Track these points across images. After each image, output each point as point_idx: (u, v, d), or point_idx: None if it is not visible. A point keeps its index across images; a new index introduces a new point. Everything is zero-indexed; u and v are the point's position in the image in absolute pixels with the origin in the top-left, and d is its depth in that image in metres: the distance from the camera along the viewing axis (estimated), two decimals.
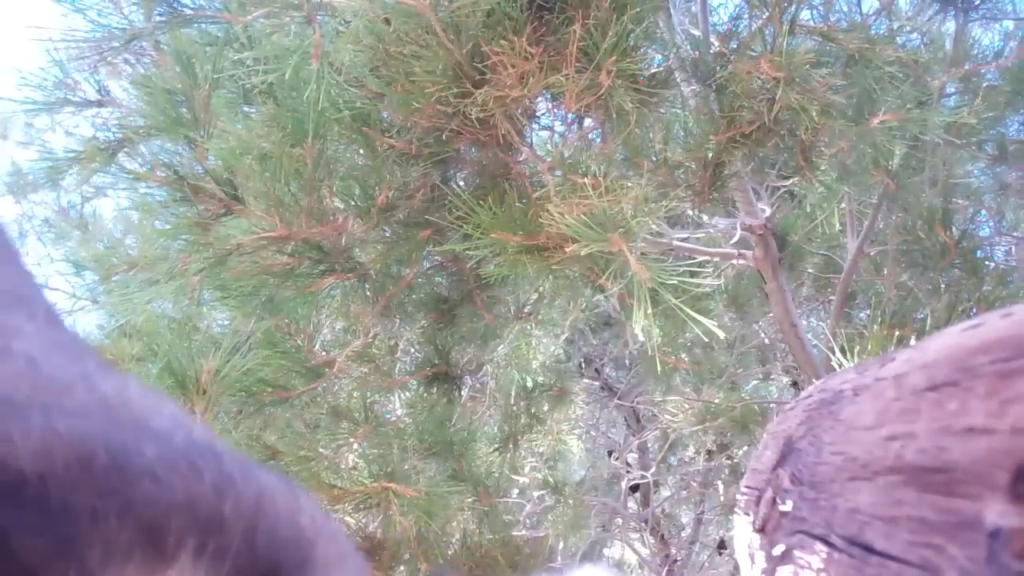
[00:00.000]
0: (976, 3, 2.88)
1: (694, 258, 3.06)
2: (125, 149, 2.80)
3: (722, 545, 5.45)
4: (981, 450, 0.36)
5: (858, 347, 2.41)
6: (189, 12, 2.64)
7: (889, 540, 0.44)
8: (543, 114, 2.69)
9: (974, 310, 2.71)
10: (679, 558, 5.78)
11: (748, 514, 0.87)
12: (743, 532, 0.89)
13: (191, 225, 2.32)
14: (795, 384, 4.75)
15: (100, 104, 2.82)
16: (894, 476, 0.45)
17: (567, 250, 2.09)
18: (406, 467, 2.47)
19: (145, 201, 2.59)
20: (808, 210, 3.72)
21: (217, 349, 2.08)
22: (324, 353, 2.82)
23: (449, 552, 2.69)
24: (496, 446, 3.45)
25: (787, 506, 0.69)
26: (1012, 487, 0.33)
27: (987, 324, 0.46)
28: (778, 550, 0.68)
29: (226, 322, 2.96)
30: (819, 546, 0.56)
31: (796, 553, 0.63)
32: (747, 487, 0.94)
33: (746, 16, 2.66)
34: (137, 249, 2.81)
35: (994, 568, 0.33)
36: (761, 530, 0.75)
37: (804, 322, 4.40)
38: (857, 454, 0.54)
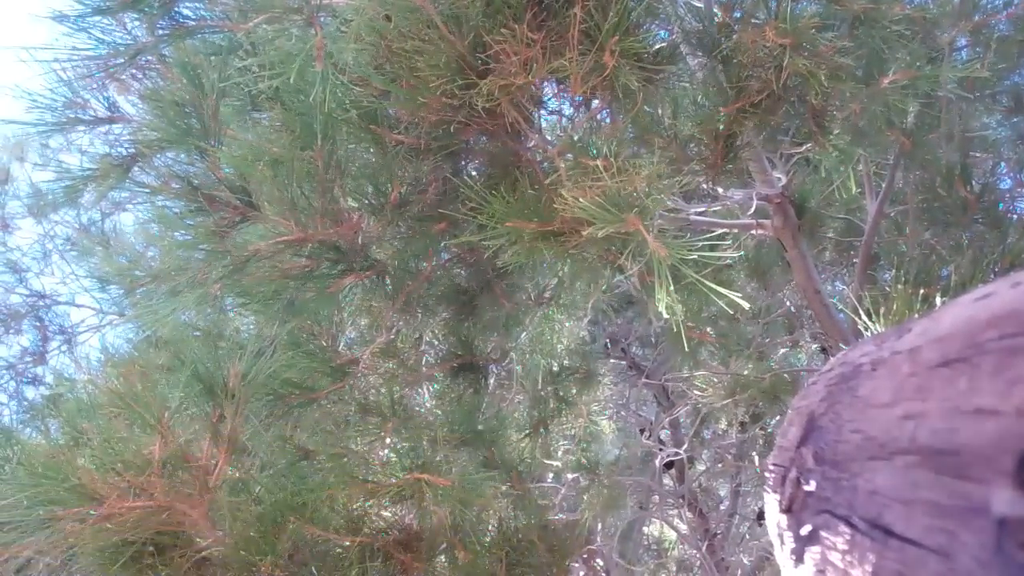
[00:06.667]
0: None
1: (713, 231, 3.05)
2: (139, 163, 2.82)
3: (761, 516, 5.43)
4: (988, 432, 0.36)
5: (883, 308, 2.39)
6: (191, 23, 2.65)
7: (908, 524, 0.44)
8: (550, 99, 2.68)
9: (998, 265, 2.68)
10: (719, 532, 5.78)
11: (776, 492, 0.87)
12: (772, 511, 0.89)
13: (208, 234, 2.34)
14: (824, 350, 4.72)
15: (111, 121, 2.84)
16: (910, 457, 0.45)
17: (583, 233, 2.08)
18: (438, 458, 2.48)
19: (163, 213, 2.61)
20: (824, 175, 3.68)
21: (243, 354, 2.10)
22: (349, 352, 2.83)
23: (486, 539, 2.70)
24: (527, 432, 3.46)
25: (811, 486, 0.69)
26: (1017, 473, 0.33)
27: (997, 294, 0.46)
28: (805, 530, 0.68)
29: (251, 327, 2.98)
30: (843, 527, 0.56)
31: (823, 534, 0.63)
32: (774, 464, 0.94)
33: None
34: (159, 261, 2.84)
35: (1001, 558, 0.32)
36: (788, 510, 0.75)
37: (828, 287, 4.37)
38: (875, 433, 0.54)
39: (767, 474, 0.96)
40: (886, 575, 0.45)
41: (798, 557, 0.70)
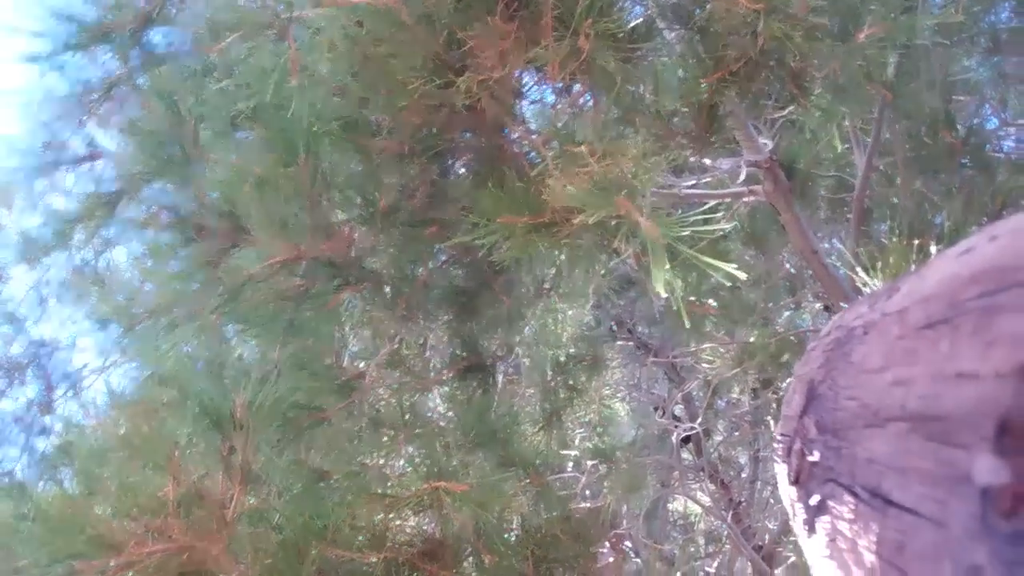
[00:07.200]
0: None
1: (705, 203, 3.04)
2: (125, 198, 2.82)
3: None
4: (969, 397, 0.35)
5: (880, 262, 2.38)
6: (162, 50, 2.64)
7: (904, 492, 0.43)
8: (531, 88, 2.67)
9: (989, 207, 2.67)
10: (742, 500, 5.78)
11: (784, 463, 0.86)
12: (783, 482, 0.89)
13: (201, 264, 2.33)
14: (827, 308, 4.71)
15: (92, 158, 2.84)
16: (902, 424, 0.45)
17: (575, 221, 2.07)
18: (453, 463, 2.47)
19: (155, 247, 2.60)
20: (810, 135, 3.67)
21: (247, 382, 2.08)
22: (354, 366, 2.83)
23: (511, 539, 2.70)
24: (540, 425, 3.46)
25: (815, 456, 0.68)
26: (997, 440, 0.32)
27: (977, 249, 0.45)
28: (814, 500, 0.68)
29: (254, 352, 2.98)
30: (847, 497, 0.56)
31: (830, 503, 0.62)
32: (781, 434, 0.94)
33: None
34: (155, 295, 2.84)
35: (986, 527, 0.32)
36: (796, 482, 0.75)
37: (826, 245, 4.36)
38: (869, 400, 0.53)
39: (775, 444, 0.96)
40: (887, 544, 0.45)
41: (810, 527, 0.70)
